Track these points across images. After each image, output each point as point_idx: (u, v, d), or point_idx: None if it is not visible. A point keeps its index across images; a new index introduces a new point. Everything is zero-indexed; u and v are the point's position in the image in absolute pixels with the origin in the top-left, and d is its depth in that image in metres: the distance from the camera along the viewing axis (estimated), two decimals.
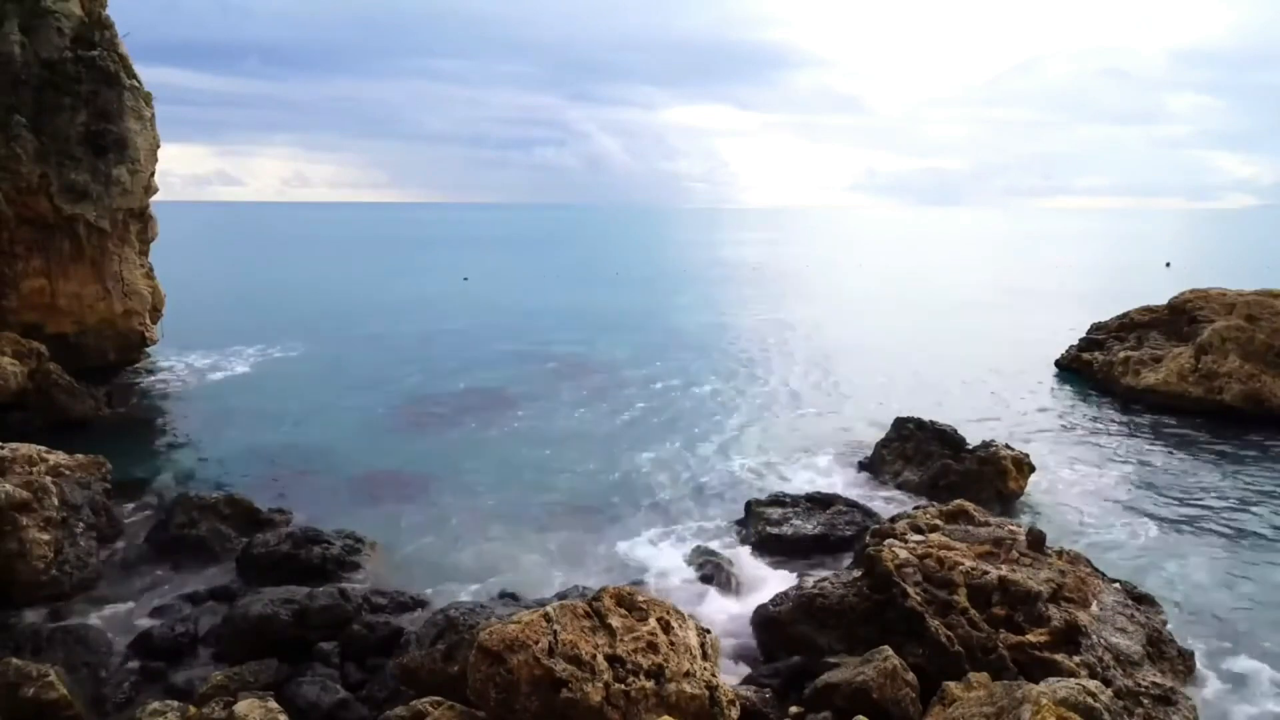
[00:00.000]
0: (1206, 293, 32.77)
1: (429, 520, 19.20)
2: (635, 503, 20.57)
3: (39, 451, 17.03)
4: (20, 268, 28.51)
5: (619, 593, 11.07)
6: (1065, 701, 9.09)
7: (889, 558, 13.19)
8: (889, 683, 11.19)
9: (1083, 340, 35.44)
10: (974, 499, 16.99)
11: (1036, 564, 13.74)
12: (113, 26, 30.29)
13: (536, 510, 19.87)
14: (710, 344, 42.45)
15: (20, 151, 27.29)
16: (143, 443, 24.89)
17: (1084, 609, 12.86)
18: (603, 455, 24.07)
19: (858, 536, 16.84)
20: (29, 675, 11.26)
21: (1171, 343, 31.36)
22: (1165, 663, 12.57)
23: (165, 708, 10.58)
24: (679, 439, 25.80)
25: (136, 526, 18.21)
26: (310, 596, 14.01)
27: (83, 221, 28.96)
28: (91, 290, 29.90)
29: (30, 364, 26.03)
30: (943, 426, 22.18)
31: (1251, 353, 27.86)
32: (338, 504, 19.95)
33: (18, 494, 15.20)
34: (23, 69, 27.75)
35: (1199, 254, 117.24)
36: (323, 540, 16.82)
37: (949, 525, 15.17)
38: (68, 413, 25.46)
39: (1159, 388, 29.16)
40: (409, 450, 24.49)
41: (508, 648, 9.84)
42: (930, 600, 12.61)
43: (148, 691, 12.32)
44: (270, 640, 13.22)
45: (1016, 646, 11.94)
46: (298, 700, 11.66)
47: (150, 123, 30.78)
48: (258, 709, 10.25)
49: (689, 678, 10.13)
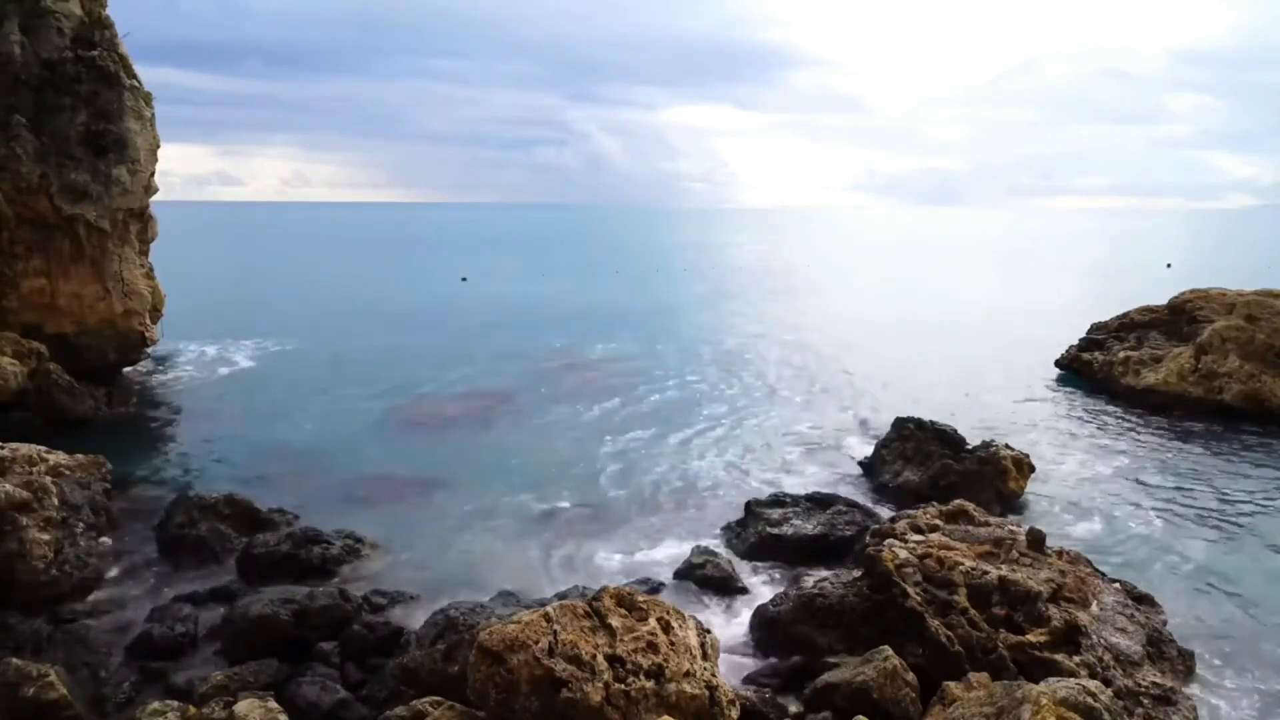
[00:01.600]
0: (1206, 293, 32.77)
1: (429, 520, 19.20)
2: (635, 502, 20.57)
3: (39, 451, 17.02)
4: (20, 268, 28.49)
5: (619, 593, 11.07)
6: (1065, 701, 9.09)
7: (889, 558, 13.19)
8: (889, 683, 11.20)
9: (1083, 340, 35.43)
10: (974, 499, 17.00)
11: (1036, 564, 13.74)
12: (113, 26, 30.27)
13: (536, 510, 19.86)
14: (710, 344, 42.45)
15: (20, 151, 27.27)
16: (143, 442, 24.90)
17: (1084, 609, 12.86)
18: (603, 455, 24.07)
19: (858, 536, 16.83)
20: (29, 675, 11.25)
21: (1171, 343, 31.36)
22: (1165, 663, 12.57)
23: (165, 708, 10.58)
24: (679, 439, 25.80)
25: (136, 527, 18.19)
26: (310, 596, 14.01)
27: (83, 221, 28.94)
28: (91, 290, 29.88)
29: (30, 364, 26.03)
30: (943, 426, 22.17)
31: (1251, 353, 27.87)
32: (338, 504, 19.94)
33: (18, 494, 15.20)
34: (23, 69, 27.73)
35: (1199, 254, 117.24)
36: (323, 540, 16.82)
37: (949, 525, 15.18)
38: (68, 413, 25.46)
39: (1159, 388, 29.16)
40: (409, 450, 24.49)
41: (508, 648, 9.84)
42: (930, 600, 12.61)
43: (148, 691, 12.31)
44: (270, 640, 13.21)
45: (1016, 646, 11.95)
46: (298, 700, 11.65)
47: (150, 123, 30.76)
48: (258, 709, 10.25)
49: (689, 678, 10.13)
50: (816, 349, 41.00)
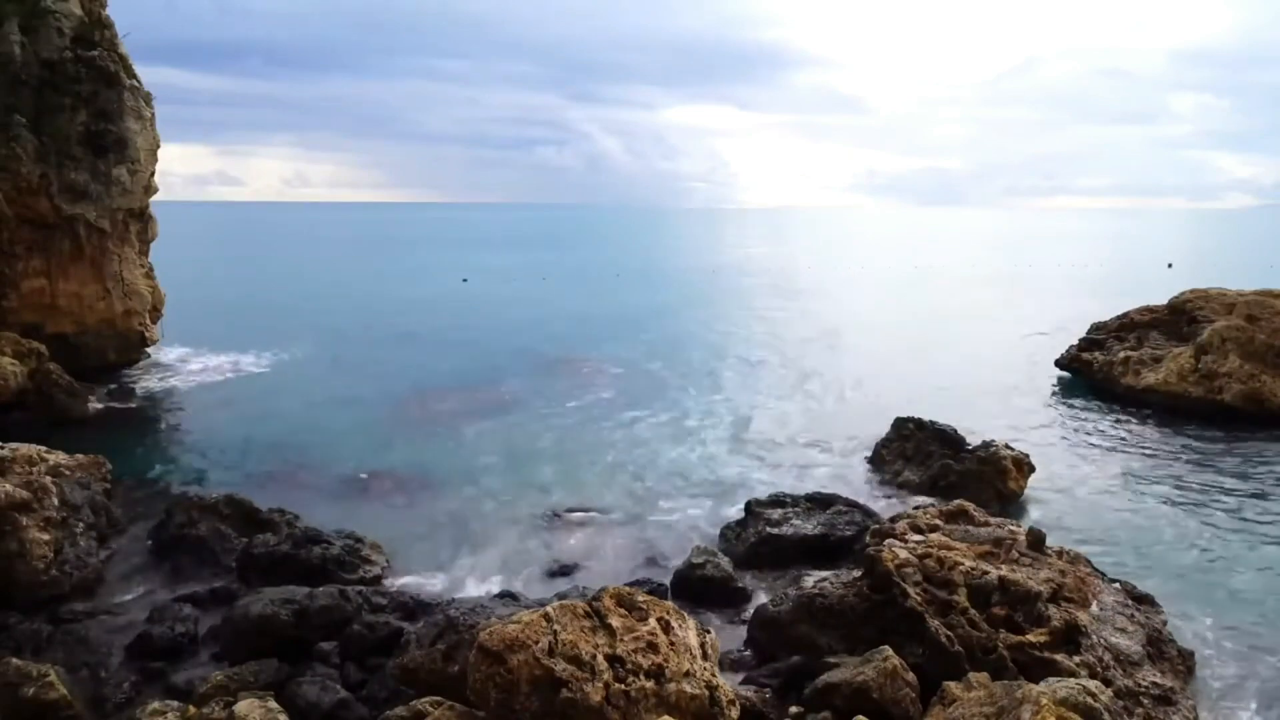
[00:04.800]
0: (1206, 293, 32.77)
1: (429, 520, 19.21)
2: (635, 502, 20.57)
3: (39, 451, 17.02)
4: (20, 268, 28.50)
5: (619, 593, 11.07)
6: (1065, 701, 9.09)
7: (889, 558, 13.18)
8: (889, 683, 11.19)
9: (1083, 340, 35.42)
10: (974, 499, 17.00)
11: (1036, 564, 13.74)
12: (113, 26, 30.30)
13: (536, 510, 19.86)
14: (710, 344, 42.47)
15: (20, 151, 27.28)
16: (143, 443, 24.90)
17: (1084, 609, 12.86)
18: (602, 455, 24.08)
19: (858, 536, 16.83)
20: (29, 675, 11.26)
21: (1171, 343, 31.35)
22: (1165, 663, 12.57)
23: (165, 708, 10.59)
24: (679, 438, 25.81)
25: (136, 526, 18.20)
26: (310, 596, 14.01)
27: (83, 221, 28.95)
28: (91, 290, 29.89)
29: (30, 364, 26.04)
30: (943, 426, 22.17)
31: (1251, 353, 27.85)
32: (338, 504, 19.95)
33: (18, 494, 15.20)
34: (23, 69, 27.74)
35: (1199, 254, 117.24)
36: (323, 540, 16.81)
37: (949, 525, 15.17)
38: (68, 413, 25.46)
39: (1159, 388, 29.15)
40: (409, 450, 24.49)
41: (508, 648, 9.83)
42: (930, 600, 12.60)
43: (148, 691, 12.32)
44: (270, 640, 13.20)
45: (1016, 646, 11.94)
46: (298, 700, 11.64)
47: (150, 123, 30.78)
48: (258, 709, 10.25)
49: (689, 678, 10.12)
50: (816, 348, 41.02)
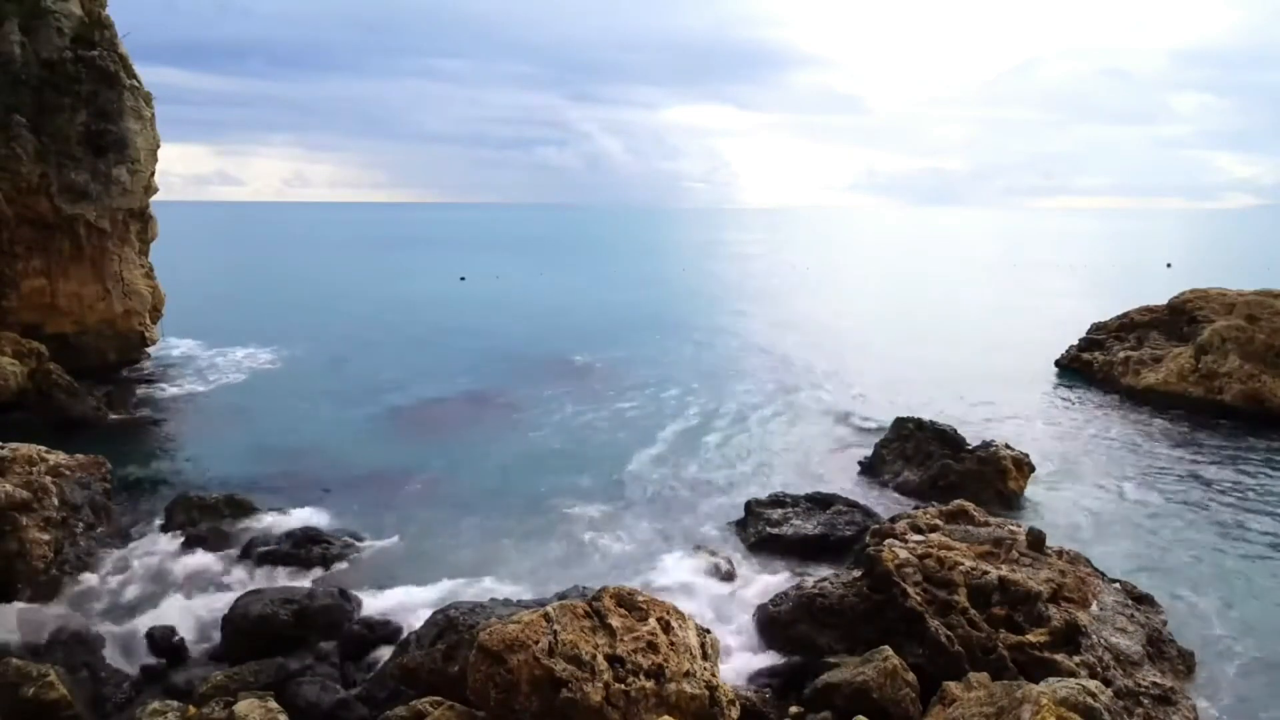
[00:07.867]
0: (1206, 293, 32.79)
1: (429, 520, 19.18)
2: (635, 502, 20.56)
3: (39, 451, 17.01)
4: (20, 268, 28.51)
5: (619, 593, 11.07)
6: (1065, 701, 9.09)
7: (889, 558, 13.19)
8: (889, 683, 11.20)
9: (1083, 340, 35.44)
10: (974, 499, 16.98)
11: (1036, 564, 13.74)
12: (113, 26, 30.28)
13: (536, 510, 19.84)
14: (709, 344, 42.45)
15: (20, 151, 27.27)
16: (143, 443, 24.87)
17: (1084, 609, 12.86)
18: (602, 455, 24.06)
19: (858, 536, 16.82)
20: (29, 675, 11.25)
21: (1171, 343, 31.38)
22: (1165, 663, 12.57)
23: (165, 708, 10.58)
24: (678, 439, 25.79)
25: (137, 527, 18.20)
26: (310, 596, 14.02)
27: (83, 221, 28.95)
28: (91, 290, 29.89)
29: (30, 364, 26.04)
30: (943, 426, 22.16)
31: (1251, 353, 27.86)
32: (338, 504, 19.93)
33: (18, 494, 15.20)
34: (23, 69, 27.74)
35: (1199, 254, 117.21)
36: (323, 540, 16.83)
37: (949, 525, 15.17)
38: (68, 413, 25.44)
39: (1159, 388, 29.17)
40: (408, 450, 24.48)
41: (508, 648, 9.84)
42: (930, 600, 12.61)
43: (148, 691, 12.32)
44: (270, 640, 13.21)
45: (1016, 646, 11.94)
46: (298, 700, 11.65)
47: (150, 123, 30.76)
48: (258, 709, 10.25)
49: (689, 678, 10.13)
50: (816, 349, 40.98)
